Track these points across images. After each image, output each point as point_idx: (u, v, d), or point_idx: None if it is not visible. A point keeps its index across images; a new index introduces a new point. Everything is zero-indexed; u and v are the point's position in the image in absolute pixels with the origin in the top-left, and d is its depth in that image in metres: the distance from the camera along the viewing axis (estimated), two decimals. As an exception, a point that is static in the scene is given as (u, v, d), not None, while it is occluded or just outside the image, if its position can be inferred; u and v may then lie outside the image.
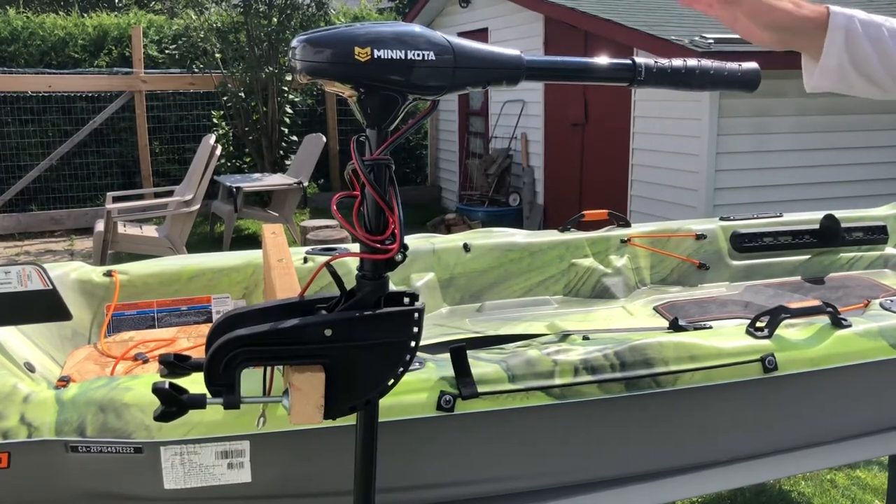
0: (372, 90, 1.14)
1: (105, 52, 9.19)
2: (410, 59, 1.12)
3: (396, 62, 1.11)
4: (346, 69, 1.11)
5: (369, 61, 1.09)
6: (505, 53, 1.19)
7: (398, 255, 1.16)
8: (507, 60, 1.19)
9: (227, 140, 9.21)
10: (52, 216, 8.43)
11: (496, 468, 1.62)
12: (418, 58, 1.12)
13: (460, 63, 1.15)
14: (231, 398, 1.12)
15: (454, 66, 1.15)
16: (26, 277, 1.64)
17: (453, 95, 1.20)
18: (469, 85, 1.19)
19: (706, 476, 1.80)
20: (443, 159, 10.19)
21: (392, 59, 1.11)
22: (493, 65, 1.18)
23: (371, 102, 1.15)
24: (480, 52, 1.18)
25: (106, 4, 15.24)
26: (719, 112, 5.54)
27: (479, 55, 1.17)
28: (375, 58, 1.10)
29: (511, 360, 1.59)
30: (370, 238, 1.15)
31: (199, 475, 1.45)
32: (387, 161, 1.17)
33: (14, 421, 1.41)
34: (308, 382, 1.10)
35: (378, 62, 1.10)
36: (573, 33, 6.95)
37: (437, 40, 1.14)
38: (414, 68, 1.12)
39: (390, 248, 1.15)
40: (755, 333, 1.74)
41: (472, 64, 1.17)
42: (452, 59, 1.15)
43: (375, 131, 1.16)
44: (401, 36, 1.12)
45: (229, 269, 2.29)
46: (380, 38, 1.11)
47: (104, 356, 2.01)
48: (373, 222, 1.17)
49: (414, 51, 1.12)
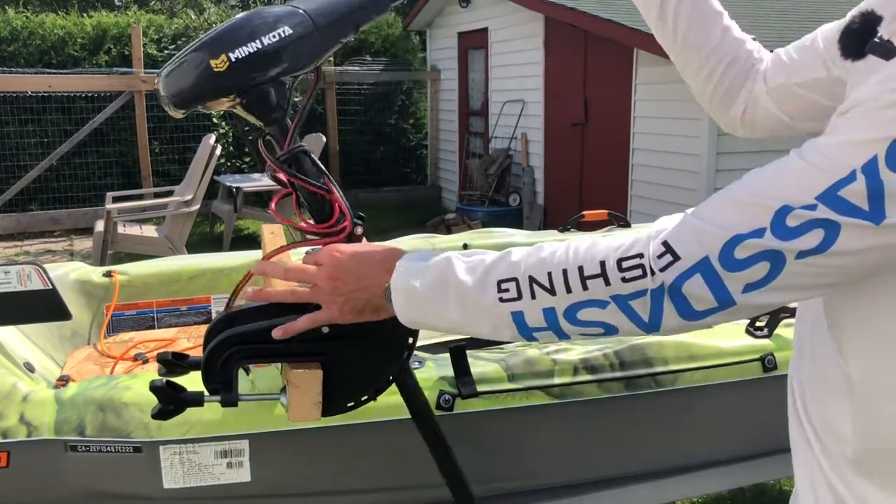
0: (249, 92, 1.08)
1: (104, 51, 9.18)
2: (269, 46, 1.06)
3: (256, 56, 1.05)
4: (211, 86, 1.06)
5: (229, 67, 1.05)
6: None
7: (355, 228, 1.13)
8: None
9: (227, 140, 9.21)
10: (52, 216, 8.43)
11: (495, 468, 1.62)
12: (276, 40, 1.06)
13: (320, 22, 1.09)
14: (229, 396, 1.12)
15: (315, 28, 1.09)
16: (26, 277, 1.64)
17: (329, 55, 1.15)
18: (340, 38, 1.12)
19: (706, 476, 1.80)
20: (443, 159, 10.18)
21: (250, 54, 1.05)
22: (352, 6, 1.12)
23: (255, 103, 1.10)
24: (335, 2, 1.12)
25: (105, 4, 15.23)
26: (719, 112, 5.54)
27: (336, 6, 1.11)
28: (234, 61, 1.05)
29: (511, 360, 1.59)
30: (320, 226, 1.14)
31: (199, 474, 1.45)
32: (300, 148, 1.13)
33: (13, 420, 1.41)
34: (305, 380, 1.09)
35: (238, 64, 1.05)
36: (573, 33, 6.95)
37: (286, 13, 1.08)
38: (277, 53, 1.07)
39: (343, 226, 1.13)
40: (755, 333, 1.74)
41: (331, 18, 1.10)
42: (311, 23, 1.09)
43: (275, 126, 1.13)
44: (248, 27, 1.06)
45: (229, 269, 2.29)
46: (229, 40, 1.05)
47: (104, 356, 2.01)
48: (316, 210, 1.14)
49: (268, 35, 1.06)
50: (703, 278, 0.78)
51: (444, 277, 0.95)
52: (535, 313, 0.89)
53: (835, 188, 0.72)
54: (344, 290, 1.02)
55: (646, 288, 0.81)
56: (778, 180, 0.76)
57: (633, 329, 0.85)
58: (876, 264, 0.75)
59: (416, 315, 0.98)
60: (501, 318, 0.91)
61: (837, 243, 0.73)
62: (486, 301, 0.91)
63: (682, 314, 0.81)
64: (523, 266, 0.89)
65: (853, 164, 0.71)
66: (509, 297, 0.90)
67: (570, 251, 0.87)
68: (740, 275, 0.77)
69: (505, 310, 0.90)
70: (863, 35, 0.81)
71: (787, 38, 1.15)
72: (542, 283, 0.87)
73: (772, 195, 0.75)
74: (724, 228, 0.77)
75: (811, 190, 0.73)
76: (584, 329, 0.87)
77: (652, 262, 0.81)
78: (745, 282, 0.77)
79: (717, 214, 0.79)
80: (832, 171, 0.72)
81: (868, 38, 0.80)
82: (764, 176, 0.78)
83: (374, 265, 1.02)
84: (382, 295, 1.01)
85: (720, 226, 0.77)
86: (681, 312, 0.81)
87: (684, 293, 0.79)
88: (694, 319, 0.81)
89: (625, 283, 0.82)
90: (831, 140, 0.74)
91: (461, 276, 0.94)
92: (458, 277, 0.94)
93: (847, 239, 0.73)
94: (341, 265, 1.02)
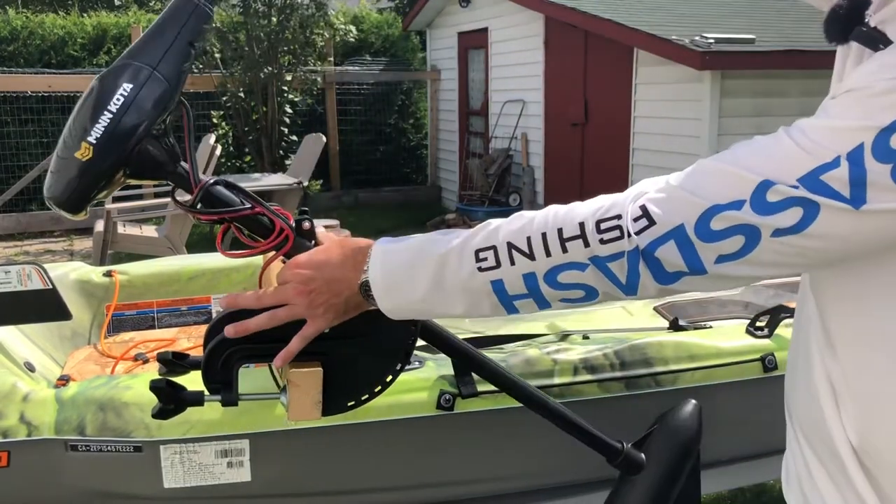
0: (129, 162, 1.05)
1: (104, 51, 9.19)
2: (118, 113, 1.02)
3: (112, 130, 1.02)
4: (89, 177, 1.04)
5: (94, 151, 1.02)
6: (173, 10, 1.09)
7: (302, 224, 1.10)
8: (179, 15, 1.08)
9: (227, 140, 9.21)
10: (52, 216, 8.42)
11: (496, 467, 1.62)
12: (120, 101, 1.03)
13: (152, 62, 1.05)
14: (229, 395, 1.12)
15: (152, 69, 1.05)
16: (26, 277, 1.64)
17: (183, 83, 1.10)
18: (182, 66, 1.08)
19: (706, 476, 1.80)
20: (443, 159, 10.18)
21: (106, 127, 1.02)
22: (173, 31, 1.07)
23: (141, 168, 1.06)
24: (154, 36, 1.07)
25: (105, 4, 15.23)
26: (719, 112, 5.54)
27: (157, 39, 1.07)
28: (95, 143, 1.02)
29: (511, 360, 1.59)
30: (266, 242, 1.10)
31: (199, 474, 1.45)
32: (207, 181, 1.09)
33: (14, 420, 1.41)
34: (305, 379, 1.09)
35: (101, 145, 1.02)
36: (573, 33, 6.95)
37: (116, 70, 1.05)
38: (130, 113, 1.03)
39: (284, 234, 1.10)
40: (755, 333, 1.74)
41: (161, 52, 1.06)
42: (147, 70, 1.05)
43: (173, 176, 1.10)
44: (91, 103, 1.03)
45: (229, 269, 2.29)
46: (80, 127, 1.03)
47: (105, 356, 2.01)
48: (257, 230, 1.11)
49: (113, 102, 1.02)
50: (676, 245, 0.78)
51: (421, 253, 0.94)
52: (515, 280, 0.88)
53: (817, 172, 0.72)
54: (319, 301, 1.01)
55: (622, 250, 0.81)
56: (763, 155, 0.76)
57: (613, 291, 0.85)
58: (853, 251, 0.75)
59: (395, 300, 0.97)
60: (480, 290, 0.90)
61: (815, 224, 0.73)
62: (463, 273, 0.90)
63: (657, 278, 0.81)
64: (501, 234, 0.89)
65: (839, 150, 0.71)
66: (488, 266, 0.89)
67: (549, 215, 0.87)
68: (714, 245, 0.77)
69: (484, 279, 0.89)
70: (847, 21, 0.80)
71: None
72: (522, 248, 0.87)
73: (755, 169, 0.75)
74: (703, 198, 0.77)
75: (794, 171, 0.73)
76: (565, 292, 0.87)
77: (629, 225, 0.81)
78: (718, 252, 0.77)
79: (697, 183, 0.78)
80: (817, 155, 0.72)
81: (852, 24, 0.79)
82: (750, 149, 0.77)
83: (338, 268, 1.01)
84: (359, 292, 1.00)
85: (699, 195, 0.77)
86: (656, 276, 0.81)
87: (657, 257, 0.80)
88: (668, 283, 0.82)
89: (602, 245, 0.82)
90: (820, 123, 0.74)
91: (438, 248, 0.93)
92: (435, 251, 0.93)
93: (825, 221, 0.72)
94: (306, 278, 1.01)
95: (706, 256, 0.78)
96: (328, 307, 1.02)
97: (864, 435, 0.83)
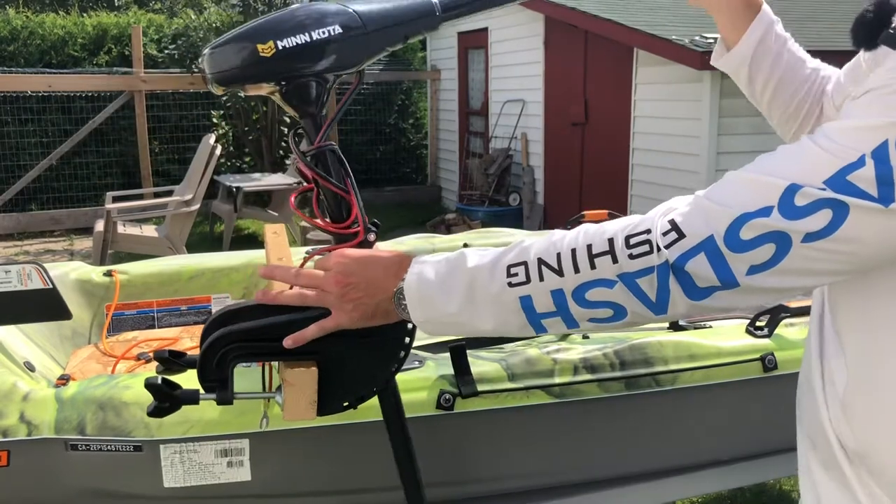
0: (290, 81, 1.09)
1: (105, 51, 9.19)
2: (317, 41, 1.06)
3: (303, 48, 1.05)
4: (253, 70, 1.06)
5: (275, 55, 1.05)
6: (415, 2, 1.12)
7: (368, 234, 1.13)
8: (418, 8, 1.12)
9: (227, 140, 9.21)
10: (52, 216, 8.43)
11: (496, 467, 1.62)
12: (324, 36, 1.06)
13: (371, 27, 1.09)
14: (224, 394, 1.11)
15: (365, 32, 1.09)
16: (26, 277, 1.64)
17: (376, 60, 1.17)
18: (388, 45, 1.12)
19: (706, 476, 1.80)
20: (443, 159, 10.18)
21: (297, 45, 1.05)
22: (406, 17, 1.12)
23: (294, 94, 1.10)
24: (388, 9, 1.11)
25: (105, 4, 15.23)
26: (719, 112, 5.54)
27: (389, 13, 1.11)
28: (280, 49, 1.05)
29: (511, 359, 1.59)
30: (335, 227, 1.13)
31: (199, 473, 1.45)
32: (329, 146, 1.13)
33: (13, 419, 1.41)
34: (301, 378, 1.09)
35: (284, 53, 1.05)
36: (573, 33, 6.95)
37: (339, 12, 1.08)
38: (324, 48, 1.06)
39: (356, 230, 1.13)
40: (755, 332, 1.74)
41: (383, 24, 1.10)
42: (362, 26, 1.08)
43: (309, 120, 1.13)
44: (300, 19, 1.06)
45: (229, 269, 2.29)
46: (280, 28, 1.05)
47: (106, 356, 2.01)
48: (334, 210, 1.14)
49: (318, 30, 1.06)
50: (706, 257, 0.78)
51: (456, 267, 0.94)
52: (543, 296, 0.87)
53: (843, 172, 0.72)
54: (353, 296, 1.01)
55: (652, 265, 0.80)
56: (788, 161, 0.76)
57: (642, 310, 0.84)
58: (883, 254, 0.74)
59: (427, 311, 0.96)
60: (509, 306, 0.90)
61: (845, 226, 0.72)
62: (494, 288, 0.90)
63: (688, 293, 0.80)
64: (533, 250, 0.89)
65: (862, 148, 0.71)
66: (518, 282, 0.89)
67: (580, 233, 0.87)
68: (745, 256, 0.76)
69: (513, 295, 0.89)
70: (876, 25, 0.80)
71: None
72: (551, 264, 0.86)
73: (781, 175, 0.75)
74: (732, 207, 0.76)
75: (820, 173, 0.73)
76: (593, 311, 0.86)
77: (658, 239, 0.80)
78: (749, 263, 0.77)
79: (724, 193, 0.78)
80: (841, 156, 0.72)
81: (881, 28, 0.79)
82: (774, 158, 0.78)
83: (383, 270, 1.01)
84: (392, 299, 1.00)
85: (727, 204, 0.77)
86: (686, 291, 0.80)
87: (688, 271, 0.79)
88: (699, 299, 0.80)
89: (631, 260, 0.81)
90: (842, 125, 0.74)
91: (472, 262, 0.93)
92: (470, 265, 0.93)
93: (855, 222, 0.72)
94: (349, 270, 1.01)
95: (737, 268, 0.77)
96: (358, 304, 1.02)
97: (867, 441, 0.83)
